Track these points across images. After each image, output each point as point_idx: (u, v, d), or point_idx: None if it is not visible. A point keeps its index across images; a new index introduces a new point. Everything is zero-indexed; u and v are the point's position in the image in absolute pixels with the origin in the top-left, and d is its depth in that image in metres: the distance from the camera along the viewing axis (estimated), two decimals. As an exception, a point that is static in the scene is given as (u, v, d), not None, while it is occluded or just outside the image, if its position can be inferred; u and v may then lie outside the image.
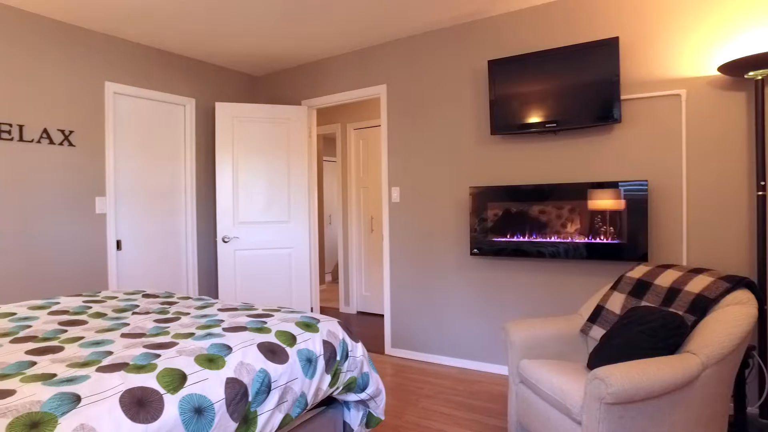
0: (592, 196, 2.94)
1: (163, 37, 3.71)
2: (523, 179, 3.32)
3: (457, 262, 3.60)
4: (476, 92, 3.50)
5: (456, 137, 3.59)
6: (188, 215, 4.19)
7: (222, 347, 1.57)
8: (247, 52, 4.10)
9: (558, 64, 3.03)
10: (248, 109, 4.20)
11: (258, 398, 1.49)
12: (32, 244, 3.22)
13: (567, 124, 3.02)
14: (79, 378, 1.27)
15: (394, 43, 3.89)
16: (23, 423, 1.04)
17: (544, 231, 3.11)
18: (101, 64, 3.60)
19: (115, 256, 3.67)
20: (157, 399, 1.25)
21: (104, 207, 3.60)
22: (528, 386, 2.18)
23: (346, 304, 5.58)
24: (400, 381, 3.31)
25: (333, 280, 7.70)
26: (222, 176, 4.13)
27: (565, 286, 3.16)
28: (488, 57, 3.44)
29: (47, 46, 3.30)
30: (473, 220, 3.39)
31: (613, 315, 2.29)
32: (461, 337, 3.59)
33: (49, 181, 3.30)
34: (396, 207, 3.91)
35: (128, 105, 3.79)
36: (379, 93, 3.99)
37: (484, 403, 2.90)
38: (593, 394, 1.65)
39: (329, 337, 1.89)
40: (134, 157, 3.83)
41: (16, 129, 3.14)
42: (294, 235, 4.31)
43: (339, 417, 2.01)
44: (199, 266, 4.26)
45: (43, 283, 3.27)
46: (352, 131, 5.51)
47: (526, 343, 2.31)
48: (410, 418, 2.71)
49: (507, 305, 3.39)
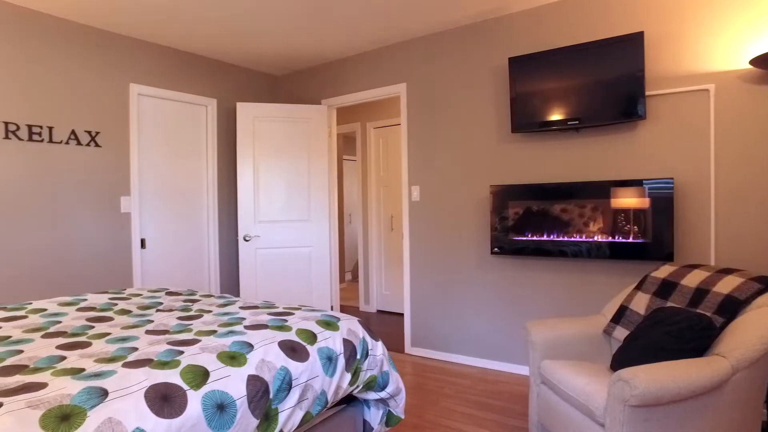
0: (616, 195, 2.89)
1: (186, 39, 3.77)
2: (544, 178, 3.27)
3: (477, 261, 3.57)
4: (496, 90, 3.47)
5: (476, 136, 3.57)
6: (210, 214, 4.25)
7: (243, 345, 1.59)
8: (267, 52, 4.13)
9: (580, 61, 2.98)
10: (269, 109, 4.24)
11: (279, 395, 1.51)
12: (61, 242, 3.30)
13: (589, 121, 2.97)
14: (106, 373, 1.30)
15: (413, 41, 3.88)
16: (55, 415, 1.07)
17: (566, 230, 3.07)
18: (126, 67, 3.67)
19: (140, 254, 3.75)
20: (181, 395, 1.27)
21: (129, 206, 3.68)
22: (549, 387, 2.15)
23: (366, 303, 5.59)
24: (420, 380, 3.30)
25: (353, 278, 7.72)
26: (243, 175, 4.18)
27: (588, 286, 3.11)
28: (508, 54, 3.41)
29: (75, 49, 3.38)
30: (494, 218, 3.37)
31: (638, 315, 2.25)
32: (481, 336, 3.57)
33: (77, 181, 3.39)
34: (416, 206, 3.90)
35: (152, 106, 3.87)
36: (399, 92, 3.98)
37: (505, 404, 2.87)
38: (617, 396, 1.62)
39: (349, 335, 1.89)
40: (158, 157, 3.90)
41: (46, 131, 3.23)
42: (314, 234, 4.34)
43: (359, 415, 2.02)
44: (220, 264, 4.32)
45: (71, 280, 3.36)
46: (372, 130, 5.52)
47: (548, 344, 2.28)
48: (430, 418, 2.70)
49: (528, 305, 3.35)
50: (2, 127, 3.04)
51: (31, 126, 3.16)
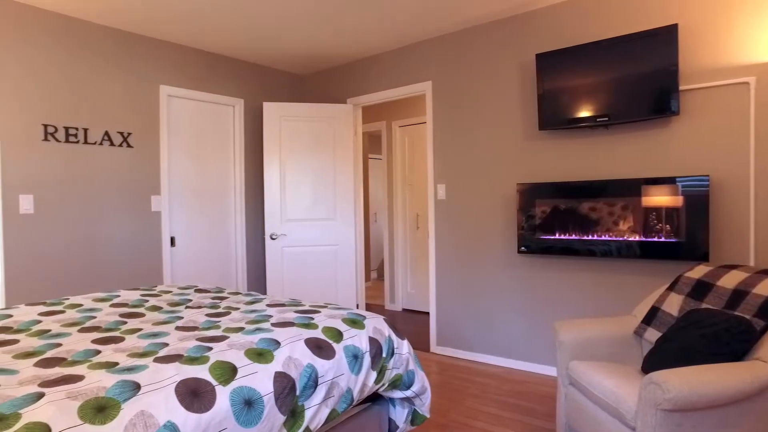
0: (647, 193, 2.81)
1: (214, 40, 3.83)
2: (572, 176, 3.21)
3: (504, 259, 3.53)
4: (523, 87, 3.42)
5: (503, 133, 3.53)
6: (237, 213, 4.32)
7: (271, 342, 1.61)
8: (293, 52, 4.17)
9: (610, 56, 2.91)
10: (295, 109, 4.28)
11: (305, 392, 1.52)
12: (95, 239, 3.41)
13: (620, 117, 2.90)
14: (138, 367, 1.34)
15: (439, 39, 3.86)
16: (92, 406, 1.11)
17: (595, 229, 3.00)
18: (156, 69, 3.76)
19: (169, 252, 3.84)
20: (210, 390, 1.30)
21: (159, 205, 3.77)
22: (578, 388, 2.11)
23: (392, 302, 5.60)
24: (445, 379, 3.29)
25: (378, 277, 7.74)
26: (269, 175, 4.23)
27: (617, 286, 3.04)
28: (536, 50, 3.35)
29: (108, 53, 3.48)
30: (520, 217, 3.32)
31: (670, 317, 2.18)
32: (508, 336, 3.53)
33: (110, 181, 3.49)
34: (442, 204, 3.88)
35: (181, 107, 3.95)
36: (425, 90, 3.97)
37: (531, 404, 2.83)
38: (648, 399, 1.58)
39: (375, 334, 1.89)
40: (187, 156, 3.98)
41: (81, 132, 3.34)
42: (340, 233, 4.36)
43: (384, 413, 2.02)
44: (247, 262, 4.38)
45: (104, 276, 3.46)
46: (398, 129, 5.51)
47: (576, 344, 2.24)
48: (455, 417, 2.68)
49: (555, 305, 3.30)
50: (42, 130, 3.16)
51: (67, 128, 3.27)
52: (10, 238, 3.03)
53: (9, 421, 1.02)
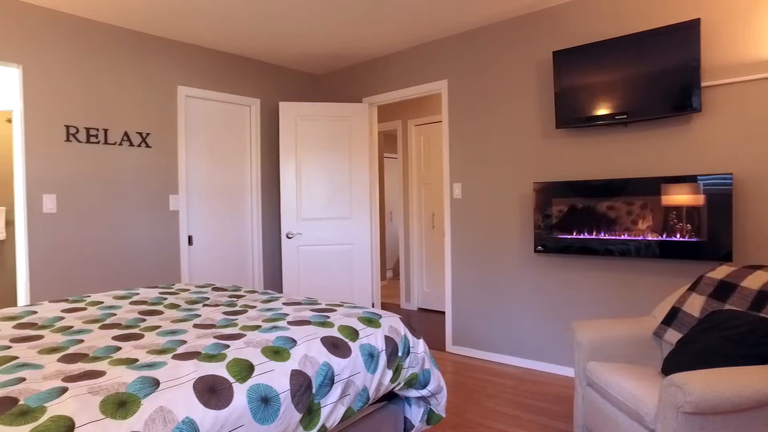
0: (667, 191, 2.76)
1: (231, 41, 3.87)
2: (590, 174, 3.17)
3: (520, 259, 3.51)
4: (540, 85, 3.38)
5: (519, 132, 3.50)
6: (254, 212, 4.35)
7: (287, 340, 1.62)
8: (309, 52, 4.19)
9: (629, 52, 2.87)
10: (310, 108, 4.30)
11: (321, 391, 1.53)
12: (115, 238, 3.47)
13: (639, 115, 2.85)
14: (157, 364, 1.35)
15: (454, 37, 3.84)
16: (113, 401, 1.13)
17: (613, 228, 2.96)
18: (174, 70, 3.81)
19: (187, 251, 3.89)
20: (227, 387, 1.31)
21: (177, 204, 3.82)
22: (596, 389, 2.09)
23: (407, 301, 5.59)
24: (461, 379, 3.28)
25: (394, 276, 7.74)
26: (286, 174, 4.26)
27: (636, 286, 3.00)
28: (553, 48, 3.32)
29: (127, 55, 3.54)
30: (537, 216, 3.29)
31: (691, 318, 2.14)
32: (524, 336, 3.50)
33: (129, 180, 3.54)
34: (458, 203, 3.86)
35: (198, 107, 3.99)
36: (440, 88, 3.95)
37: (548, 405, 2.81)
38: (669, 401, 1.55)
39: (391, 332, 1.89)
40: (204, 156, 4.03)
41: (102, 133, 3.40)
42: (355, 232, 4.37)
43: (400, 412, 2.02)
44: (264, 261, 4.42)
45: (123, 273, 3.52)
46: (413, 127, 5.50)
47: (594, 345, 2.21)
48: (471, 417, 2.67)
49: (573, 305, 3.26)
50: (64, 131, 3.22)
51: (88, 129, 3.33)
52: (34, 236, 3.10)
53: (35, 414, 1.05)
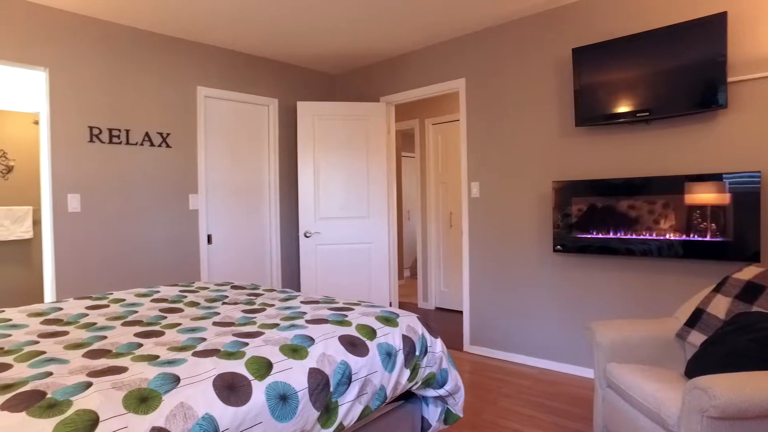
0: (690, 190, 2.70)
1: (249, 41, 3.90)
2: (610, 173, 3.12)
3: (538, 258, 3.47)
4: (560, 83, 3.34)
5: (538, 130, 3.46)
6: (272, 211, 4.39)
7: (305, 338, 1.62)
8: (327, 51, 4.20)
9: (651, 48, 2.81)
10: (328, 108, 4.32)
11: (339, 389, 1.53)
12: (136, 237, 3.53)
13: (661, 112, 2.79)
14: (178, 361, 1.37)
15: (472, 35, 3.81)
16: (135, 397, 1.15)
17: (634, 227, 2.91)
18: (194, 71, 3.86)
19: (206, 250, 3.94)
20: (246, 384, 1.32)
21: (197, 203, 3.87)
22: (616, 391, 2.05)
23: (425, 300, 5.58)
24: (478, 379, 3.26)
25: (411, 275, 7.73)
26: (303, 173, 4.28)
27: (657, 287, 2.94)
28: (572, 45, 3.27)
29: (148, 57, 3.59)
30: (556, 215, 3.25)
31: (716, 320, 2.09)
32: (543, 336, 3.46)
33: (150, 180, 3.60)
34: (475, 202, 3.84)
35: (217, 107, 4.04)
36: (458, 87, 3.93)
37: (567, 406, 2.77)
38: (693, 405, 1.52)
39: (408, 332, 1.89)
40: (223, 156, 4.07)
41: (123, 133, 3.46)
42: (373, 231, 4.38)
43: (417, 412, 2.01)
44: (282, 260, 4.45)
45: (144, 272, 3.58)
46: (431, 126, 5.49)
47: (614, 346, 2.17)
48: (488, 417, 2.65)
49: (592, 305, 3.22)
50: (88, 132, 3.29)
51: (111, 129, 3.40)
52: (59, 235, 3.18)
53: (62, 407, 1.08)
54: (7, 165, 4.76)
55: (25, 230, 4.79)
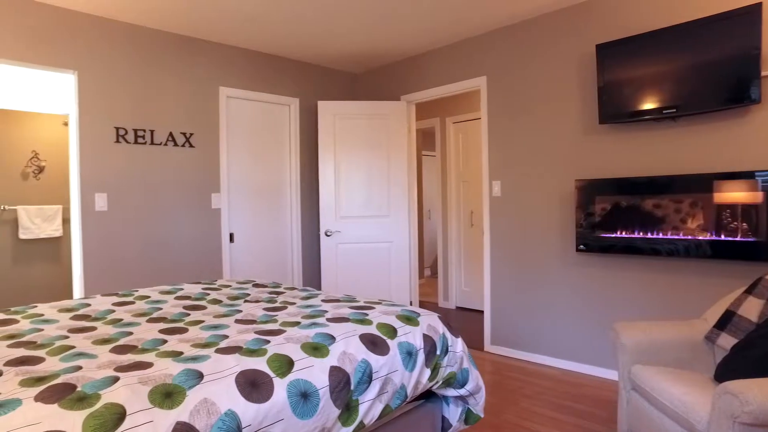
0: (720, 188, 2.63)
1: (271, 42, 3.94)
2: (635, 171, 3.06)
3: (561, 258, 3.42)
4: (583, 80, 3.28)
5: (561, 128, 3.41)
6: (293, 210, 4.42)
7: (326, 337, 1.63)
8: (347, 51, 4.21)
9: (679, 43, 2.74)
10: (349, 107, 4.33)
11: (360, 387, 1.54)
12: (160, 235, 3.60)
13: (689, 109, 2.72)
14: (201, 357, 1.39)
15: (493, 33, 3.78)
16: (160, 392, 1.17)
17: (660, 227, 2.85)
18: (216, 71, 3.91)
19: (228, 248, 3.99)
20: (268, 381, 1.33)
21: (219, 202, 3.92)
22: (641, 394, 2.01)
23: (445, 299, 5.56)
24: (499, 379, 3.23)
25: (432, 274, 7.71)
26: (324, 172, 4.31)
27: (684, 288, 2.87)
28: (596, 41, 3.21)
29: (172, 59, 3.66)
30: (579, 214, 3.20)
31: (748, 323, 2.03)
32: (565, 336, 3.41)
33: (174, 179, 3.67)
34: (497, 201, 3.80)
35: (239, 107, 4.09)
36: (479, 85, 3.90)
37: (589, 408, 2.73)
38: (724, 410, 1.48)
39: (429, 331, 1.88)
40: (245, 155, 4.12)
41: (148, 134, 3.53)
42: (393, 230, 4.37)
43: (438, 411, 2.00)
44: (303, 258, 4.48)
45: (168, 270, 3.64)
46: (452, 125, 5.46)
47: (639, 347, 2.13)
48: (509, 418, 2.63)
49: (616, 305, 3.16)
50: (114, 132, 3.37)
51: (136, 130, 3.47)
52: (87, 233, 3.26)
53: (91, 400, 1.10)
54: (38, 165, 4.90)
55: (55, 228, 4.93)
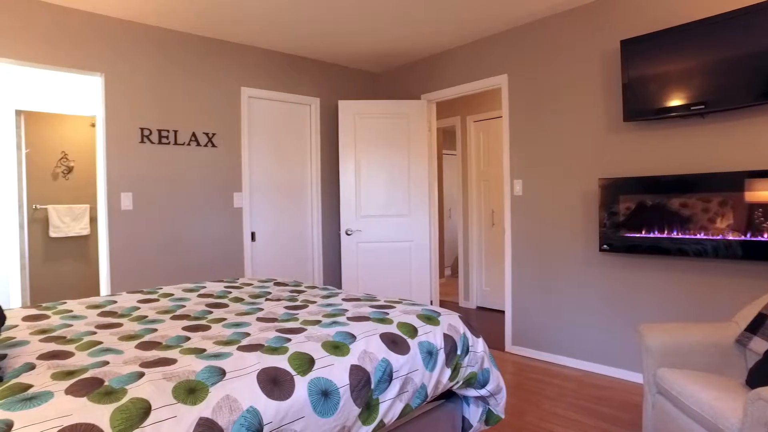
0: (752, 187, 2.55)
1: (292, 42, 3.97)
2: (661, 169, 2.99)
3: (584, 258, 3.37)
4: (607, 77, 3.22)
5: (583, 126, 3.35)
6: (314, 209, 4.45)
7: (346, 335, 1.64)
8: (368, 50, 4.22)
9: (708, 37, 2.67)
10: (369, 106, 4.34)
11: (380, 386, 1.54)
12: (183, 234, 3.66)
13: (719, 105, 2.65)
14: (223, 354, 1.41)
15: (514, 30, 3.74)
16: (184, 388, 1.20)
17: (687, 226, 2.78)
18: (238, 72, 3.96)
19: (250, 247, 4.03)
20: (289, 379, 1.34)
21: (241, 201, 3.97)
22: (667, 398, 1.97)
23: (466, 299, 5.52)
24: (520, 380, 3.20)
25: (452, 274, 7.67)
26: (345, 171, 4.32)
27: (713, 289, 2.79)
28: (620, 37, 3.15)
29: (194, 60, 3.71)
30: (602, 214, 3.15)
31: (779, 325, 1.97)
32: (588, 338, 3.36)
33: (196, 179, 3.73)
34: (518, 200, 3.76)
35: (260, 107, 4.13)
36: (500, 83, 3.86)
37: (614, 411, 2.68)
38: (758, 417, 1.43)
39: (450, 330, 1.88)
40: (266, 155, 4.16)
41: (172, 134, 3.59)
42: (414, 229, 4.37)
43: (458, 411, 1.99)
44: (323, 257, 4.51)
45: (191, 268, 3.70)
46: (472, 123, 5.42)
47: (665, 350, 2.08)
48: (531, 419, 2.60)
49: (641, 307, 3.09)
50: (139, 133, 3.44)
51: (160, 130, 3.53)
52: (113, 232, 3.33)
53: (118, 395, 1.13)
54: (67, 166, 5.04)
55: (83, 227, 5.06)
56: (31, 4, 3.02)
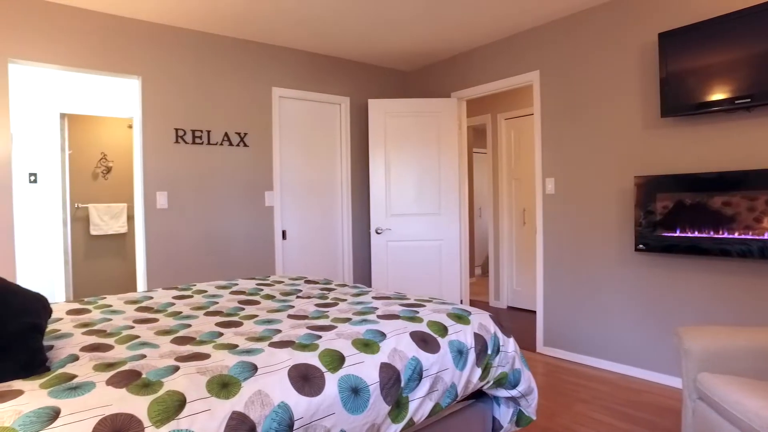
0: (799, 185, 2.43)
1: (322, 42, 4.00)
2: (701, 167, 2.88)
3: (618, 258, 3.28)
4: (643, 71, 3.13)
5: (618, 122, 3.26)
6: (344, 207, 4.48)
7: (377, 333, 1.64)
8: (398, 49, 4.21)
9: (754, 27, 2.55)
10: (399, 104, 4.33)
11: (410, 385, 1.53)
12: (216, 232, 3.74)
13: (766, 98, 2.53)
14: (255, 350, 1.44)
15: (546, 26, 3.67)
16: (217, 382, 1.22)
17: (730, 226, 2.67)
18: (268, 72, 4.01)
19: (281, 245, 4.09)
20: (319, 376, 1.36)
21: (272, 200, 4.03)
22: (709, 404, 1.89)
23: (496, 299, 5.46)
24: (552, 381, 3.14)
25: (483, 273, 7.60)
26: (375, 170, 4.33)
27: (758, 292, 2.67)
28: (657, 30, 3.05)
29: (227, 61, 3.79)
30: (638, 212, 3.05)
31: (830, 329, 1.87)
32: (622, 340, 3.27)
33: (229, 178, 3.80)
34: (550, 199, 3.69)
35: (291, 107, 4.18)
36: (532, 80, 3.80)
37: (651, 416, 2.60)
38: (802, 422, 1.37)
39: (480, 330, 1.86)
40: (296, 154, 4.21)
41: (205, 134, 3.68)
42: (444, 228, 4.34)
43: (488, 412, 1.97)
44: (353, 255, 4.53)
45: (224, 265, 3.78)
46: (503, 121, 5.35)
47: (707, 354, 2.00)
48: (563, 422, 2.55)
49: (679, 308, 2.99)
50: (173, 133, 3.53)
51: (194, 130, 3.62)
52: (149, 230, 3.43)
53: (155, 387, 1.17)
54: (107, 166, 5.22)
55: (120, 225, 5.23)
56: (75, 12, 3.14)
